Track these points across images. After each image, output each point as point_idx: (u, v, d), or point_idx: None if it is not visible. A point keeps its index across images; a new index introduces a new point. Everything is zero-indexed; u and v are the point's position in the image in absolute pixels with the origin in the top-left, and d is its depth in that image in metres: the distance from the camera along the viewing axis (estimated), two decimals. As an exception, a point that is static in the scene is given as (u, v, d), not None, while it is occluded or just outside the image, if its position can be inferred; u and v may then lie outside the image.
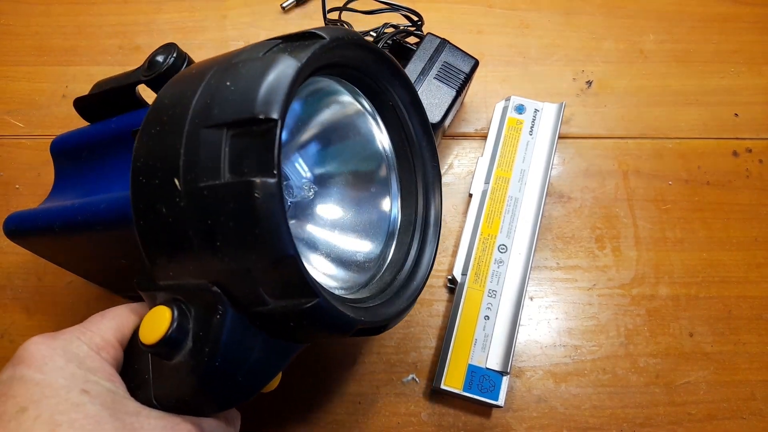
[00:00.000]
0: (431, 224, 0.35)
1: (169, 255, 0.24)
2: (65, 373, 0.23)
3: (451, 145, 0.49)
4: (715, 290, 0.44)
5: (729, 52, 0.52)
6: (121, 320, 0.27)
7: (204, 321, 0.24)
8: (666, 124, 0.49)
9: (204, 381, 0.24)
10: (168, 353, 0.24)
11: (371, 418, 0.40)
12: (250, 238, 0.21)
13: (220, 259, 0.22)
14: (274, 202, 0.21)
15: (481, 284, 0.41)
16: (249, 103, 0.22)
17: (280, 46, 0.25)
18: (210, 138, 0.22)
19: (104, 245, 0.32)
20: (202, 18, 0.54)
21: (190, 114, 0.23)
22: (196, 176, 0.22)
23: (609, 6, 0.54)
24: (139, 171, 0.24)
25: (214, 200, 0.22)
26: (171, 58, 0.31)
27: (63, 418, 0.21)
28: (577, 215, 0.46)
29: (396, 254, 0.34)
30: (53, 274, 0.44)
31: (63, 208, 0.32)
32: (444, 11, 0.54)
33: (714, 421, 0.40)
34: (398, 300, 0.31)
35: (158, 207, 0.23)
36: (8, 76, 0.52)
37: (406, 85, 0.33)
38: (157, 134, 0.24)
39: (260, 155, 0.21)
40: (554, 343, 0.42)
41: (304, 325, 0.24)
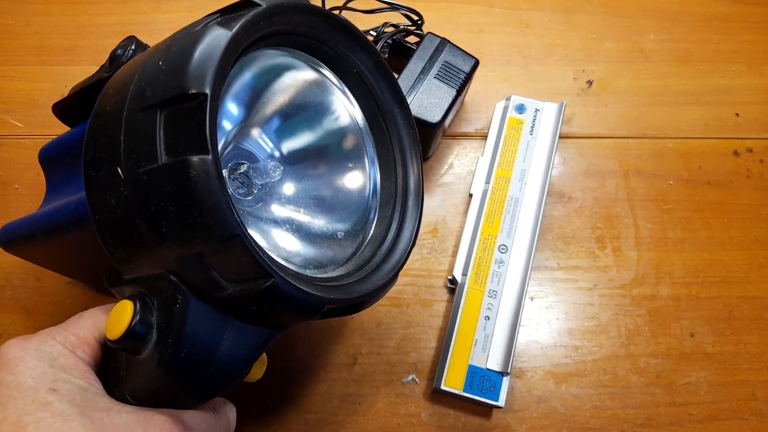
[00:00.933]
0: (411, 193, 0.33)
1: (125, 247, 0.23)
2: (34, 373, 0.23)
3: (452, 144, 0.49)
4: (715, 290, 0.44)
5: (730, 51, 0.52)
6: (97, 318, 0.27)
7: (166, 312, 0.23)
8: (667, 123, 0.49)
9: (172, 373, 0.23)
10: (134, 347, 0.23)
11: (371, 418, 0.40)
12: (191, 220, 0.21)
13: (169, 246, 0.22)
14: (210, 180, 0.20)
15: (481, 284, 0.41)
16: (178, 79, 0.21)
17: (217, 19, 0.24)
18: (145, 120, 0.21)
19: (80, 246, 0.31)
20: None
21: (127, 101, 0.22)
22: (135, 162, 0.21)
23: (609, 5, 0.54)
24: (88, 165, 0.24)
25: (153, 184, 0.21)
26: (129, 50, 0.30)
27: (30, 419, 0.21)
28: (578, 215, 0.46)
29: (377, 229, 0.33)
30: (52, 275, 0.44)
31: (42, 213, 0.32)
32: (444, 11, 0.53)
33: (715, 422, 0.40)
34: (376, 275, 0.29)
35: (108, 199, 0.23)
36: (7, 76, 0.51)
37: (367, 48, 0.31)
38: (101, 125, 0.23)
39: (193, 132, 0.20)
40: (555, 344, 0.42)
41: (266, 308, 0.23)
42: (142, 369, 0.24)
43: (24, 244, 0.34)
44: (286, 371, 0.41)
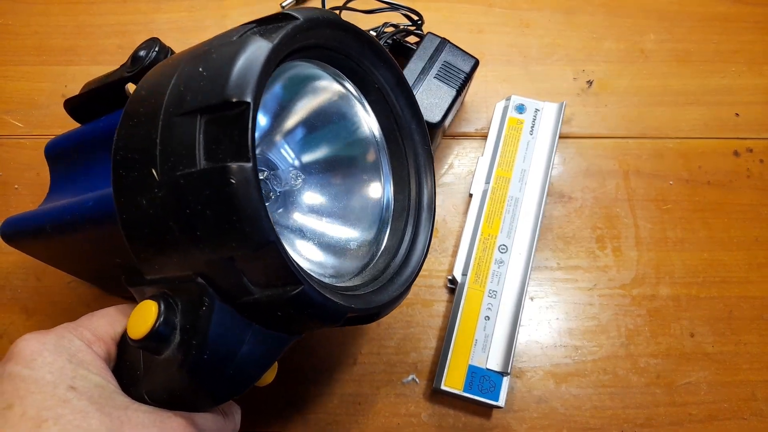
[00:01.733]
0: (425, 208, 0.34)
1: (153, 248, 0.24)
2: (53, 368, 0.23)
3: (452, 144, 0.49)
4: (715, 290, 0.44)
5: (730, 51, 0.52)
6: (112, 318, 0.27)
7: (191, 314, 0.23)
8: (667, 123, 0.49)
9: (193, 375, 0.23)
10: (156, 348, 0.24)
11: (371, 418, 0.40)
12: (228, 225, 0.21)
13: (202, 250, 0.22)
14: (250, 187, 0.20)
15: (481, 284, 0.41)
16: (221, 87, 0.21)
17: (254, 29, 0.24)
18: (184, 125, 0.22)
19: (95, 243, 0.31)
20: (202, 17, 0.53)
21: (164, 103, 0.23)
22: (172, 165, 0.22)
23: (609, 5, 0.54)
24: (118, 165, 0.24)
25: (191, 188, 0.21)
26: (153, 52, 0.31)
27: (49, 414, 0.21)
28: (578, 215, 0.46)
29: (390, 241, 0.33)
30: (53, 275, 0.44)
31: (53, 208, 0.32)
32: (444, 11, 0.53)
33: (715, 422, 0.40)
34: (392, 287, 0.30)
35: (138, 199, 0.23)
36: (7, 76, 0.51)
37: (391, 65, 0.32)
38: (134, 126, 0.24)
39: (234, 140, 0.21)
40: (555, 344, 0.42)
41: (292, 314, 0.24)
42: (161, 369, 0.24)
43: (30, 238, 0.34)
44: (285, 371, 0.41)
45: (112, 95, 0.34)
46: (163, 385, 0.24)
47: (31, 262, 0.45)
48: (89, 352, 0.25)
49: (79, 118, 0.37)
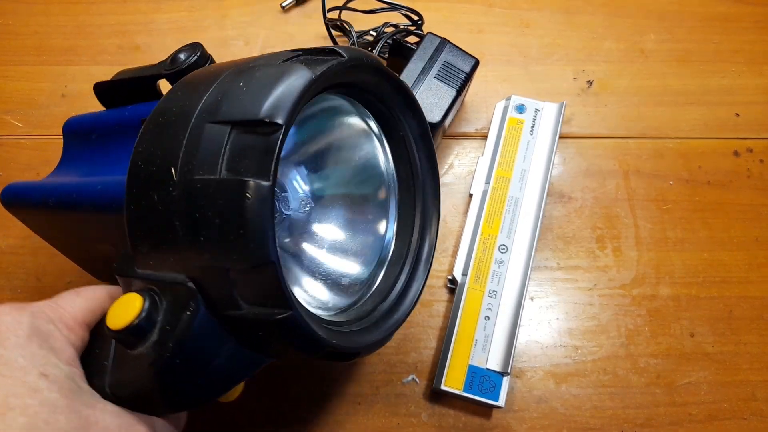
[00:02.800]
0: (423, 260, 0.34)
1: (153, 243, 0.24)
2: (25, 352, 0.22)
3: (452, 144, 0.49)
4: (715, 290, 0.44)
5: (730, 51, 0.52)
6: (94, 302, 0.26)
7: (174, 316, 0.23)
8: (667, 123, 0.49)
9: (161, 376, 0.23)
10: (132, 342, 0.23)
11: (371, 418, 0.40)
12: (234, 237, 0.21)
13: (201, 254, 0.22)
14: (264, 206, 0.21)
15: (481, 284, 0.41)
16: (257, 105, 0.22)
17: (300, 57, 0.25)
18: (213, 133, 0.22)
19: (93, 227, 0.31)
20: (202, 17, 0.53)
21: (198, 108, 0.23)
22: (193, 168, 0.22)
23: (610, 5, 0.54)
24: (138, 156, 0.24)
25: (206, 194, 0.22)
26: (194, 56, 0.31)
27: (17, 402, 0.20)
28: (578, 215, 0.46)
29: (382, 284, 0.34)
30: (52, 275, 0.44)
31: (61, 184, 0.32)
32: (444, 11, 0.53)
33: (715, 422, 0.40)
34: (376, 330, 0.30)
35: (151, 194, 0.23)
36: (7, 76, 0.51)
37: (419, 116, 0.33)
38: (163, 123, 0.24)
39: (259, 158, 0.21)
40: (555, 344, 0.42)
41: (274, 337, 0.24)
42: (131, 365, 0.24)
43: (30, 208, 0.34)
44: (285, 371, 0.41)
45: (143, 89, 0.35)
46: (129, 381, 0.24)
47: (32, 263, 0.45)
48: (62, 339, 0.24)
49: (105, 103, 0.37)
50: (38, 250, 0.45)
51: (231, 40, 0.52)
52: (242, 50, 0.52)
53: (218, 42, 0.52)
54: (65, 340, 0.24)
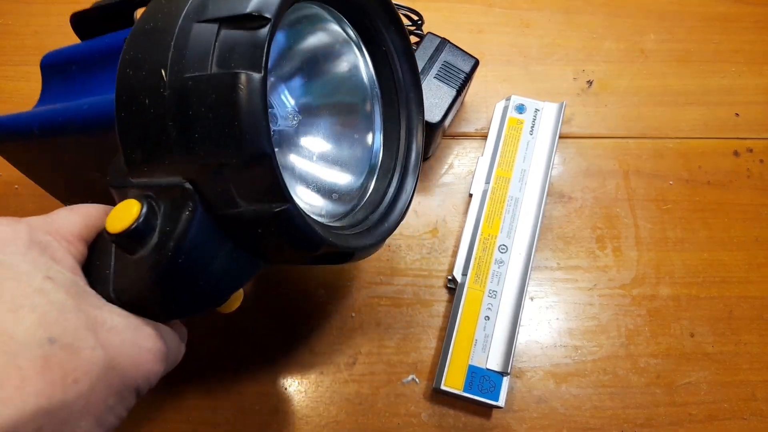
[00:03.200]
0: (410, 170, 0.35)
1: (146, 149, 0.24)
2: (27, 258, 0.22)
3: (452, 144, 0.49)
4: (715, 290, 0.44)
5: (730, 51, 0.52)
6: (89, 218, 0.26)
7: (172, 217, 0.23)
8: (667, 123, 0.49)
9: (163, 278, 0.23)
10: (132, 246, 0.23)
11: (371, 418, 0.40)
12: (228, 130, 0.21)
13: (196, 153, 0.22)
14: (256, 97, 0.21)
15: (481, 284, 0.41)
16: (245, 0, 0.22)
17: None
18: (201, 31, 0.22)
19: (81, 151, 0.31)
20: (202, 17, 0.53)
21: (184, 11, 0.23)
22: (182, 67, 0.22)
23: (610, 5, 0.54)
24: (127, 63, 0.24)
25: (198, 91, 0.22)
26: None
27: (25, 302, 0.20)
28: (578, 215, 0.46)
29: (373, 195, 0.34)
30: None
31: (45, 110, 0.32)
32: (444, 10, 0.53)
33: (715, 422, 0.40)
34: (368, 236, 0.31)
35: (141, 98, 0.23)
36: (7, 76, 0.51)
37: (401, 32, 0.33)
38: (150, 30, 0.24)
39: (249, 51, 0.21)
40: (555, 344, 0.42)
41: (271, 233, 0.24)
42: (133, 269, 0.24)
43: (13, 140, 0.33)
44: (285, 371, 0.41)
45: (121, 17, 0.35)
46: (132, 285, 0.24)
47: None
48: (62, 250, 0.24)
49: (82, 35, 0.37)
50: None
51: (231, 40, 0.52)
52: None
53: (218, 42, 0.52)
54: (65, 250, 0.24)
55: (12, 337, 0.19)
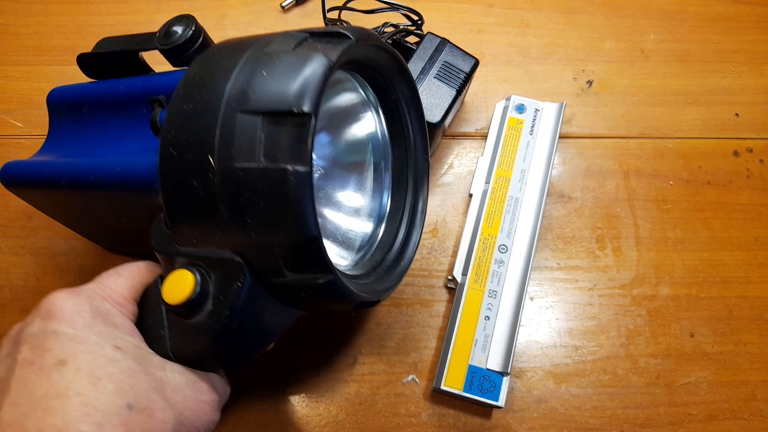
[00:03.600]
0: (419, 211, 0.38)
1: (195, 224, 0.26)
2: (95, 330, 0.24)
3: (452, 144, 0.49)
4: (715, 290, 0.44)
5: (730, 51, 0.52)
6: (135, 279, 0.29)
7: (224, 287, 0.26)
8: (667, 123, 0.49)
9: (219, 340, 0.26)
10: (189, 313, 0.26)
11: (371, 418, 0.40)
12: (279, 217, 0.24)
13: (247, 234, 0.24)
14: (305, 189, 0.23)
15: (481, 284, 0.41)
16: (286, 96, 0.23)
17: (308, 40, 0.26)
18: (246, 123, 0.24)
19: (113, 204, 0.33)
20: (202, 17, 0.53)
21: (225, 96, 0.24)
22: (231, 156, 0.24)
23: (610, 5, 0.54)
24: (170, 143, 0.25)
25: (249, 181, 0.23)
26: (189, 31, 0.32)
27: (102, 372, 0.22)
28: (578, 215, 0.46)
29: (385, 236, 0.37)
30: (52, 275, 0.44)
31: (71, 164, 0.33)
32: (444, 10, 0.53)
33: (715, 422, 0.40)
34: (389, 278, 0.34)
35: (189, 180, 0.25)
36: (7, 76, 0.51)
37: (409, 81, 0.35)
38: (191, 112, 0.25)
39: (295, 145, 0.23)
40: (555, 344, 0.42)
41: (315, 297, 0.27)
42: (190, 332, 0.26)
43: (37, 188, 0.35)
44: (286, 371, 0.41)
45: (130, 60, 0.36)
46: (188, 346, 0.27)
47: (32, 263, 0.45)
48: (120, 315, 0.26)
49: (89, 73, 0.38)
50: (38, 249, 0.45)
51: (231, 40, 0.52)
52: (242, 50, 0.52)
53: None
54: (121, 315, 0.26)
55: (96, 408, 0.21)
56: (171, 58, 0.32)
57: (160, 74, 0.35)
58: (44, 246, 0.45)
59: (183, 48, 0.31)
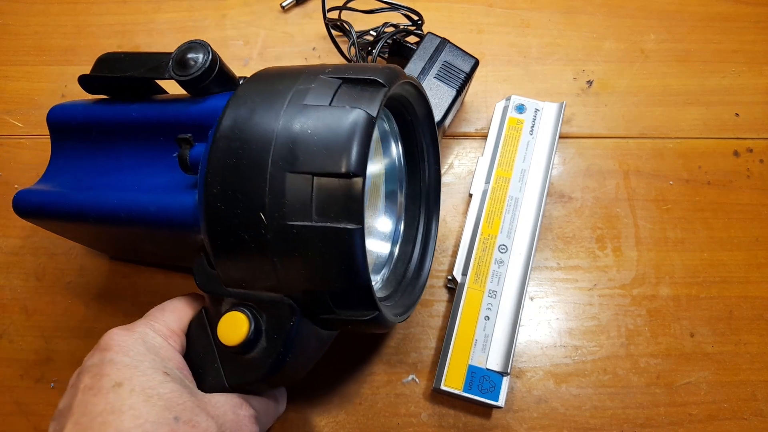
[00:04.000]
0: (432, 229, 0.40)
1: (247, 273, 0.27)
2: (147, 359, 0.27)
3: (452, 144, 0.49)
4: (715, 290, 0.44)
5: (729, 51, 0.52)
6: (180, 313, 0.31)
7: (277, 326, 0.28)
8: (666, 123, 0.49)
9: (272, 371, 0.28)
10: (245, 351, 0.28)
11: (371, 418, 0.40)
12: (333, 270, 0.25)
13: (302, 283, 0.26)
14: (358, 244, 0.25)
15: (481, 284, 0.41)
16: (335, 158, 0.24)
17: (342, 88, 0.27)
18: (297, 183, 0.25)
19: (145, 236, 0.34)
20: (202, 17, 0.53)
21: (271, 155, 0.25)
22: (284, 215, 0.25)
23: (610, 5, 0.54)
24: (215, 197, 0.26)
25: (303, 238, 0.25)
26: (206, 60, 0.32)
27: (153, 392, 0.25)
28: (578, 215, 0.46)
29: (402, 252, 0.39)
30: (52, 275, 0.44)
31: (95, 199, 0.33)
32: (444, 10, 0.53)
33: (715, 422, 0.40)
34: (413, 292, 0.36)
35: (240, 234, 0.26)
36: (7, 76, 0.52)
37: (424, 100, 0.36)
38: (235, 167, 0.26)
39: (348, 204, 0.24)
40: (554, 344, 0.42)
41: (358, 327, 0.29)
42: (244, 366, 0.29)
43: (59, 219, 0.35)
44: (286, 371, 0.41)
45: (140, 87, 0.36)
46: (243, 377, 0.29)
47: (32, 263, 0.45)
48: (170, 349, 0.29)
49: (91, 91, 0.37)
50: (38, 249, 0.45)
51: (231, 40, 0.52)
52: (242, 50, 0.52)
53: (218, 42, 0.52)
54: (171, 348, 0.29)
55: (147, 419, 0.24)
56: (188, 88, 0.32)
57: (175, 102, 0.34)
58: (44, 246, 0.45)
59: (201, 79, 0.31)
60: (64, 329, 0.43)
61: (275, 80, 0.29)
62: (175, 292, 0.44)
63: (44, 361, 0.42)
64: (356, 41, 0.48)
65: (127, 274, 0.44)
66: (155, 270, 0.44)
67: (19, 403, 0.41)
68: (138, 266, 0.44)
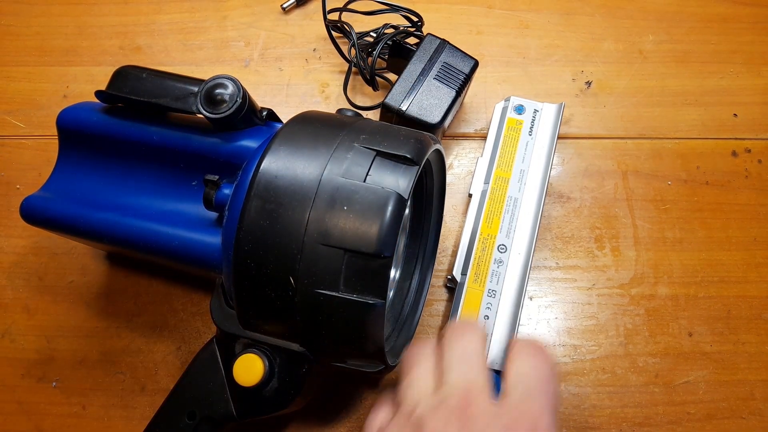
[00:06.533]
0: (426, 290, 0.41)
1: (267, 321, 0.29)
2: None
3: (451, 145, 0.49)
4: (714, 290, 0.44)
5: (728, 52, 0.52)
6: None
7: (291, 371, 0.30)
8: (665, 124, 0.50)
9: (280, 406, 0.31)
10: (257, 392, 0.30)
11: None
12: (353, 339, 0.27)
13: (323, 343, 0.28)
14: (381, 318, 0.27)
15: (480, 284, 0.41)
16: (367, 239, 0.26)
17: (377, 161, 0.28)
18: (329, 255, 0.26)
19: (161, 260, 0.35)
20: (203, 18, 0.54)
21: (306, 225, 0.27)
22: (313, 283, 0.27)
23: (608, 6, 0.54)
24: (247, 255, 0.27)
25: (329, 307, 0.27)
26: (237, 99, 0.32)
27: None
28: (577, 215, 0.46)
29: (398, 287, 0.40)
30: (54, 274, 0.45)
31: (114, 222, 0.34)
32: (444, 12, 0.54)
33: (713, 421, 0.40)
34: (409, 329, 0.38)
35: (268, 292, 0.28)
36: (9, 77, 0.52)
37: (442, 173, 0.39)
38: (268, 230, 0.27)
39: (374, 282, 0.26)
40: (553, 343, 0.42)
41: (363, 373, 0.32)
42: (256, 401, 0.31)
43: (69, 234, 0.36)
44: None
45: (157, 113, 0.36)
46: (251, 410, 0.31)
47: (34, 263, 0.45)
48: None
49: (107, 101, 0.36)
50: (40, 249, 0.45)
51: (231, 42, 0.53)
52: (243, 51, 0.52)
53: (219, 43, 0.52)
54: None
55: None
56: (218, 125, 0.33)
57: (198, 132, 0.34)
58: (46, 246, 0.45)
59: (232, 118, 0.32)
60: (66, 329, 0.43)
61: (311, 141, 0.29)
62: (177, 291, 0.44)
63: (46, 360, 0.42)
64: (356, 42, 0.48)
65: (129, 273, 0.44)
66: (157, 270, 0.44)
67: (20, 402, 0.41)
68: (140, 266, 0.45)
